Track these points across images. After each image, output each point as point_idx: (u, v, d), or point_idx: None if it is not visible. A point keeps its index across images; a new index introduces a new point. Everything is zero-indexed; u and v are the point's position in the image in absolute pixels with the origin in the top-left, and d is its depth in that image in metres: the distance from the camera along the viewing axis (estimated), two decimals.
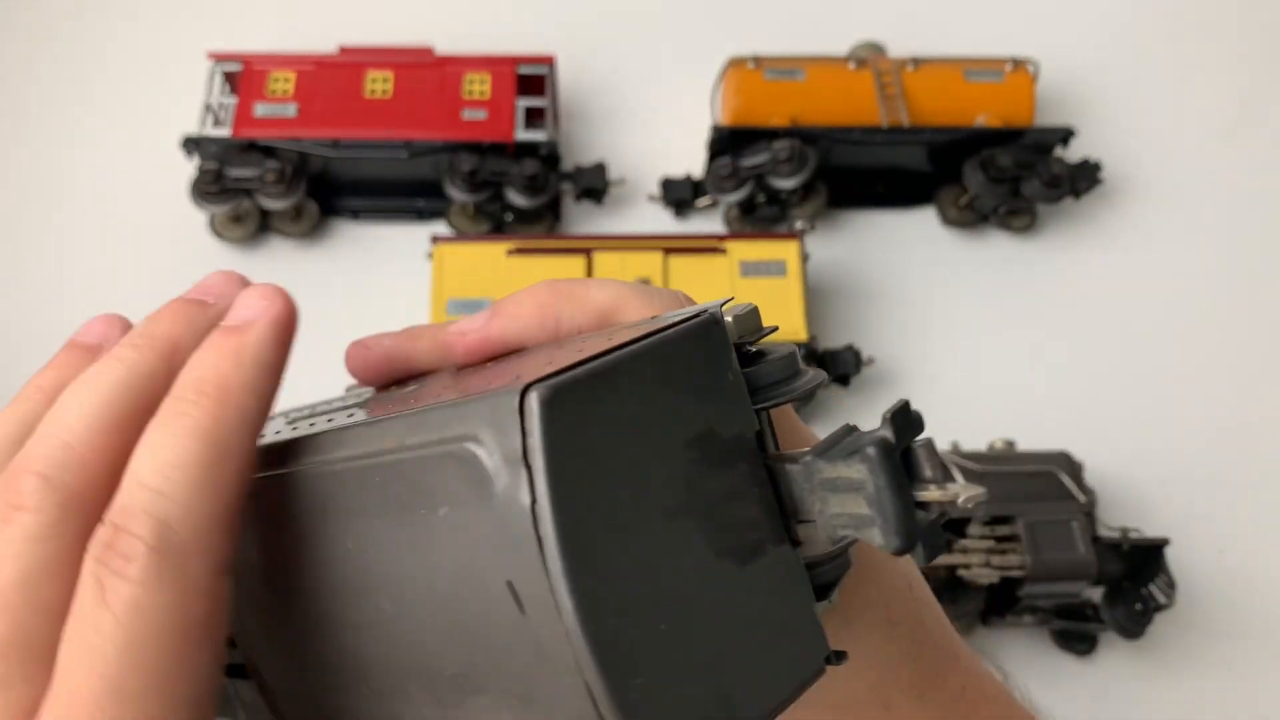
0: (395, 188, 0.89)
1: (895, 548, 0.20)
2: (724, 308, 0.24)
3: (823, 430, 0.24)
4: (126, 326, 0.27)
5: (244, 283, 0.26)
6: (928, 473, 0.21)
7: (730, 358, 0.23)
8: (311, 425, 0.26)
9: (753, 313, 0.24)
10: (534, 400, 0.19)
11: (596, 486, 0.20)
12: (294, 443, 0.25)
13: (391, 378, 0.31)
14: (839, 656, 0.24)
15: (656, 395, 0.22)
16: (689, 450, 0.22)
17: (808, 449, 0.23)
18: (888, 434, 0.21)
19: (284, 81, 0.87)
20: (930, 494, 0.21)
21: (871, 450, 0.21)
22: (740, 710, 0.22)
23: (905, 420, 0.22)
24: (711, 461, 0.22)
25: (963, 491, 0.21)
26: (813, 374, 0.24)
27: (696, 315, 0.23)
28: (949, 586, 0.70)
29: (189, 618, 0.21)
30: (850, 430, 0.23)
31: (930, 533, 0.21)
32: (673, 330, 0.22)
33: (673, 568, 0.21)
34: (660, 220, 0.91)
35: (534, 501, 0.19)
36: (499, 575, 0.20)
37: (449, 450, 0.21)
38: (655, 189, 0.91)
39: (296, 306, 0.25)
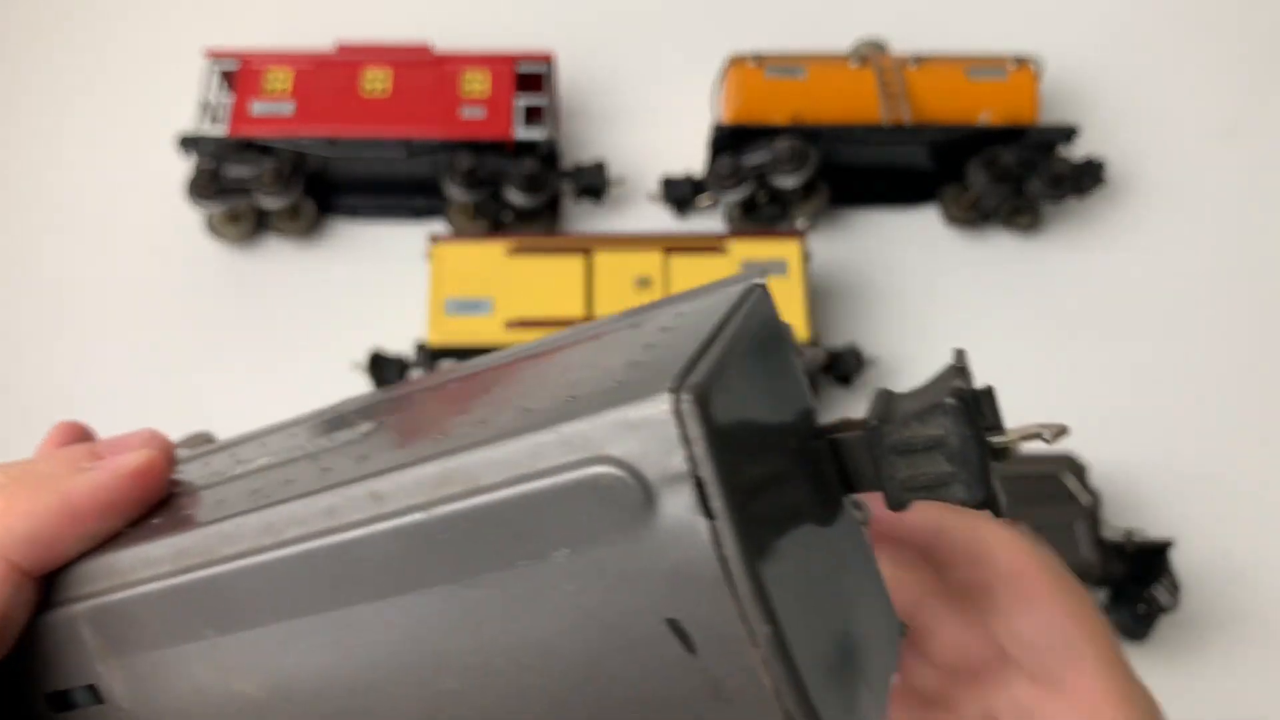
0: (393, 186, 0.89)
1: (978, 500, 0.19)
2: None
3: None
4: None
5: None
6: (992, 420, 0.20)
7: (786, 329, 0.22)
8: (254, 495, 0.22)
9: None
10: (690, 404, 0.16)
11: (753, 492, 0.18)
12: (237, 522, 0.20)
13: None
14: (903, 627, 0.24)
15: (756, 378, 0.20)
16: (785, 433, 0.20)
17: (859, 419, 0.21)
18: (962, 383, 0.20)
19: (281, 79, 0.86)
20: (1009, 438, 0.20)
21: (952, 402, 0.19)
22: (875, 697, 0.21)
23: (968, 369, 0.21)
24: (799, 441, 0.21)
25: (1044, 429, 0.20)
26: (811, 352, 0.24)
27: (749, 290, 0.22)
28: None
29: None
30: (889, 396, 0.21)
31: (998, 484, 0.20)
32: (747, 306, 0.21)
33: (809, 563, 0.19)
34: (661, 219, 0.90)
35: (712, 520, 0.16)
36: (653, 615, 0.17)
37: (572, 480, 0.17)
38: (655, 187, 0.90)
39: (154, 463, 0.23)
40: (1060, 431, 0.20)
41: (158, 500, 0.24)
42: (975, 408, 0.20)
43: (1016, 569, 0.29)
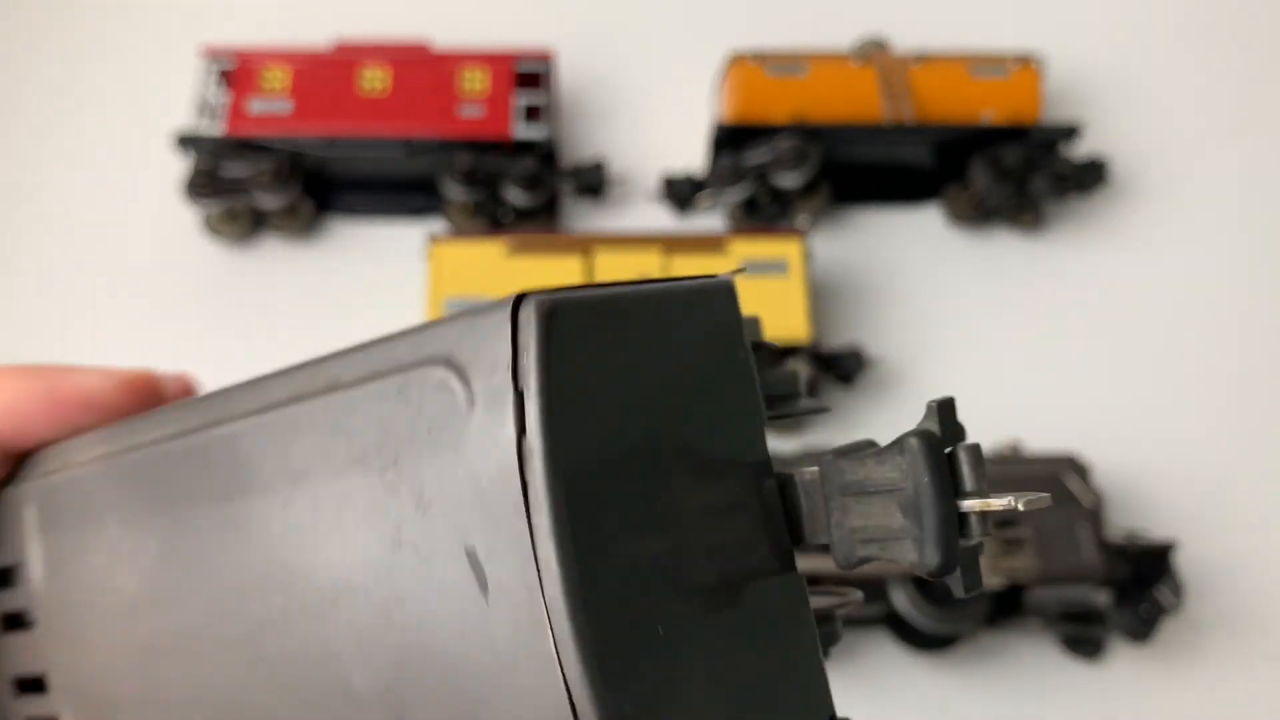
0: (392, 185, 0.89)
1: (932, 566, 0.16)
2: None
3: (820, 437, 0.22)
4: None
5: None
6: (971, 483, 0.17)
7: (741, 330, 0.19)
8: None
9: (755, 322, 0.21)
10: (531, 312, 0.15)
11: (598, 432, 0.15)
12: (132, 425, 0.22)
13: None
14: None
15: (665, 346, 0.17)
16: (694, 423, 0.17)
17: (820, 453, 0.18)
18: (933, 426, 0.17)
19: (279, 78, 0.86)
20: (978, 504, 0.17)
21: (914, 442, 0.17)
22: None
23: (950, 417, 0.17)
24: (716, 449, 0.18)
25: (1019, 500, 0.16)
26: (811, 401, 0.21)
27: (708, 277, 0.19)
28: None
29: None
30: (871, 443, 0.19)
31: (970, 560, 0.17)
32: (687, 282, 0.18)
33: (673, 563, 0.16)
34: (661, 218, 0.90)
35: (521, 434, 0.14)
36: (453, 541, 0.15)
37: (402, 379, 0.16)
38: (655, 186, 0.90)
39: (145, 379, 0.26)
40: (1039, 503, 0.17)
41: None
42: (945, 455, 0.17)
43: None
